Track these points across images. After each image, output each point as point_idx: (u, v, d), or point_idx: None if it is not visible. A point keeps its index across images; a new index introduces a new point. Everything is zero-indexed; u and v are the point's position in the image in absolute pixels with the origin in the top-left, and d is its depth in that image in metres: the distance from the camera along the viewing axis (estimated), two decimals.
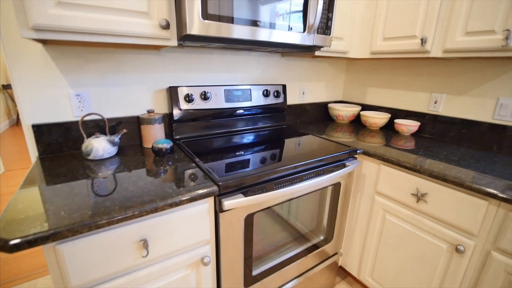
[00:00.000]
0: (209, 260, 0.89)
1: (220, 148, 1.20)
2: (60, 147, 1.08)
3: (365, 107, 1.91)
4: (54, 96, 1.04)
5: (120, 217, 0.67)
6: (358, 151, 1.27)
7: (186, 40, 0.96)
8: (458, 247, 0.98)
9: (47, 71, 1.01)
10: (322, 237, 1.32)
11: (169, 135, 1.32)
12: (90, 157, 1.01)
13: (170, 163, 1.02)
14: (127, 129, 1.21)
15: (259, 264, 1.09)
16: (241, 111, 1.45)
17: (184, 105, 1.27)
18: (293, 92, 1.77)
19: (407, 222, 1.16)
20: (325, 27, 1.21)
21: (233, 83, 1.49)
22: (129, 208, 0.69)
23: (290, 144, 1.30)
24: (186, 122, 1.31)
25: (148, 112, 1.19)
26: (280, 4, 1.05)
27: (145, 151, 1.16)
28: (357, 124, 1.86)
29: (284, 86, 1.60)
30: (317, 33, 1.19)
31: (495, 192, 0.87)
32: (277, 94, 1.57)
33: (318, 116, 1.95)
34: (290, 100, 1.78)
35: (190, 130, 1.33)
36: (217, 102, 1.36)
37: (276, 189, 0.98)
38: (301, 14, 1.12)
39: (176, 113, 1.26)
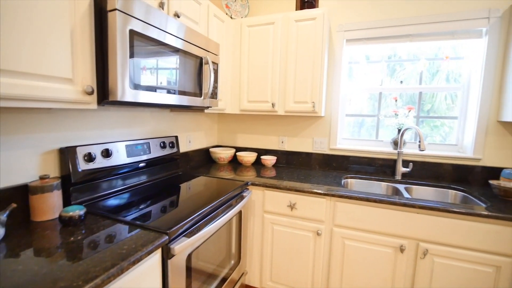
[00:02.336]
0: None
1: (132, 202, 1.21)
2: None
3: (238, 149, 2.42)
4: None
5: None
6: (248, 183, 1.67)
7: (108, 104, 1.01)
8: (318, 232, 1.56)
9: None
10: (232, 262, 1.56)
11: (64, 201, 1.14)
12: None
13: (84, 231, 0.95)
14: (8, 203, 0.96)
15: None
16: (143, 164, 1.49)
17: (84, 165, 1.18)
18: (181, 141, 1.98)
19: (288, 226, 1.66)
20: (214, 93, 1.59)
21: (130, 137, 1.51)
22: (95, 278, 0.68)
23: (193, 186, 1.51)
24: (86, 183, 1.20)
25: (41, 178, 1.02)
26: (186, 80, 1.33)
27: (42, 225, 0.97)
28: (234, 162, 2.32)
29: (176, 137, 1.79)
30: (210, 97, 1.55)
31: (326, 192, 1.52)
32: (172, 145, 1.73)
33: (203, 160, 2.25)
34: (181, 149, 1.97)
35: (92, 191, 1.22)
36: (119, 157, 1.34)
37: (206, 226, 1.16)
38: (198, 86, 1.45)
39: (75, 175, 1.14)
